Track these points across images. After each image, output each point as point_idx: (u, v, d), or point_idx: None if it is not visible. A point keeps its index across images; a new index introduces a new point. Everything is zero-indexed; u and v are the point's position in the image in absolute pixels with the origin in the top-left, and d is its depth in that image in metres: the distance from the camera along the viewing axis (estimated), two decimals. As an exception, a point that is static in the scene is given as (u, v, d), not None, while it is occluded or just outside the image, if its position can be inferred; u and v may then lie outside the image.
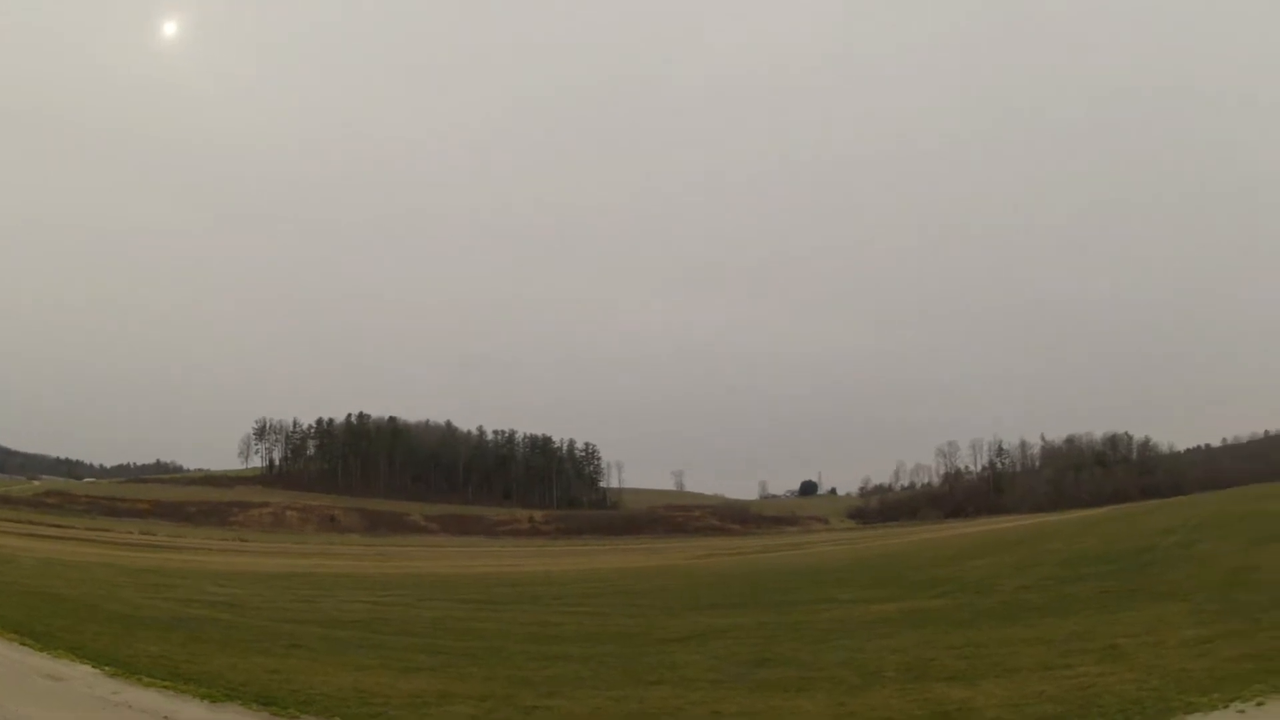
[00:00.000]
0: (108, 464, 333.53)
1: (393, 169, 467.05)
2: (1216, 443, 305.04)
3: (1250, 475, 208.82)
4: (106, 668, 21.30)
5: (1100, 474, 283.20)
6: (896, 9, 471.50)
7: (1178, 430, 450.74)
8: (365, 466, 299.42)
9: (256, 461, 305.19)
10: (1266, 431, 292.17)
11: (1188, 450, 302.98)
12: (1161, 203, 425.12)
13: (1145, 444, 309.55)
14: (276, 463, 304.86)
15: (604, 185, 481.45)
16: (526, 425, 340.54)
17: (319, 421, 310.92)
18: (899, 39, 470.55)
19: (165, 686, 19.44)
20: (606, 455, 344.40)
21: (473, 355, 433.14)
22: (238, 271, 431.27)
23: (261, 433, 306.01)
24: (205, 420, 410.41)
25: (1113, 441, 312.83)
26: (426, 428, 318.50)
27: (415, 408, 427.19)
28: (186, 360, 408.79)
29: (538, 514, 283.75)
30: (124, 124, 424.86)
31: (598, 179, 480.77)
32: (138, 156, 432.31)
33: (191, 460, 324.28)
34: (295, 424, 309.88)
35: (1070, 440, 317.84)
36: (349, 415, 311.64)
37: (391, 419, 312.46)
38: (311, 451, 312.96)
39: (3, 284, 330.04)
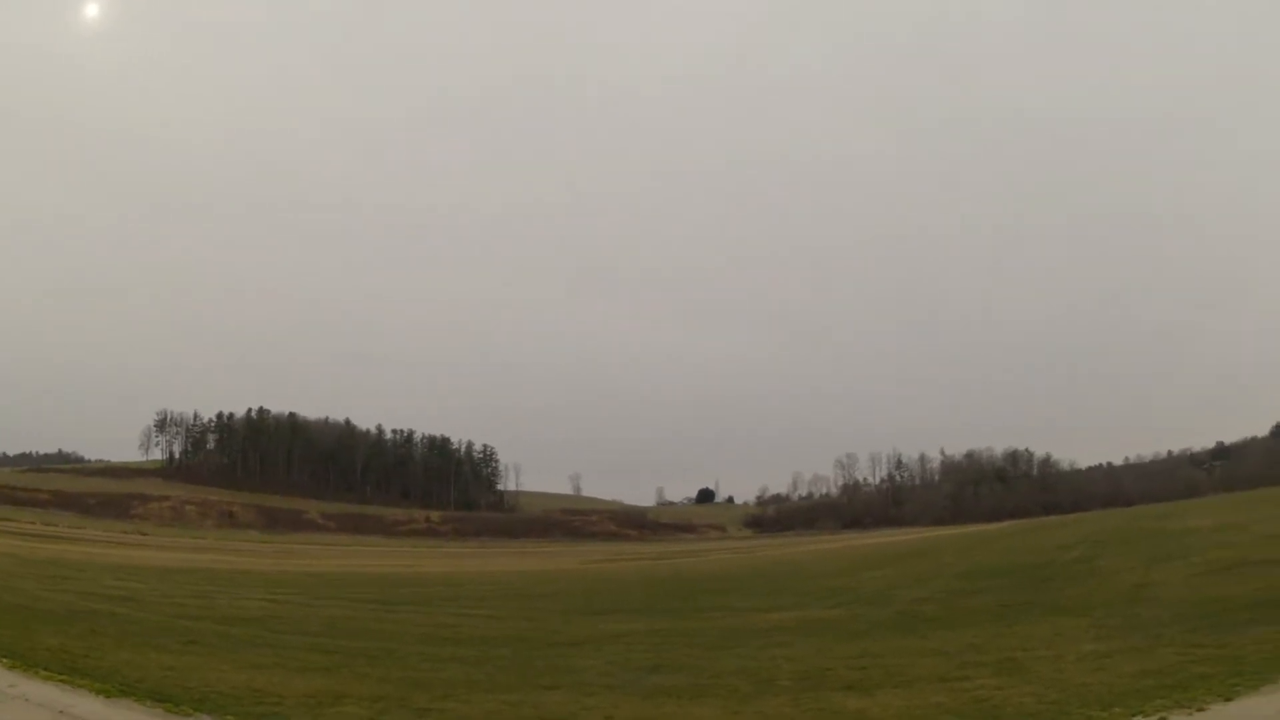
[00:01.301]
0: (10, 452, 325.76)
1: (299, 162, 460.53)
2: (1119, 461, 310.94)
3: (1152, 494, 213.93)
4: (4, 660, 21.00)
5: (1000, 489, 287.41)
6: (820, 22, 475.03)
7: (1079, 449, 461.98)
8: (264, 462, 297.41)
9: (157, 454, 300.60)
10: (1170, 451, 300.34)
11: (1089, 468, 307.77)
12: (1068, 225, 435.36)
13: (1046, 461, 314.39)
14: (176, 456, 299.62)
15: (508, 187, 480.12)
16: (425, 426, 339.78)
17: (219, 415, 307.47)
18: (812, 52, 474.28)
19: (62, 680, 19.15)
20: (504, 458, 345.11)
21: (374, 353, 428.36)
22: (144, 260, 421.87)
23: (162, 425, 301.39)
24: (107, 410, 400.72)
25: (1013, 457, 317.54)
26: (326, 425, 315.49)
27: (315, 404, 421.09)
28: (90, 349, 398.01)
29: (435, 515, 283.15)
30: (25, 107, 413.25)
31: (503, 180, 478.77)
32: (48, 142, 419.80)
33: (93, 451, 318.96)
34: (196, 417, 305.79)
35: (970, 455, 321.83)
36: (249, 410, 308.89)
37: (291, 415, 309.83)
38: (211, 445, 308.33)
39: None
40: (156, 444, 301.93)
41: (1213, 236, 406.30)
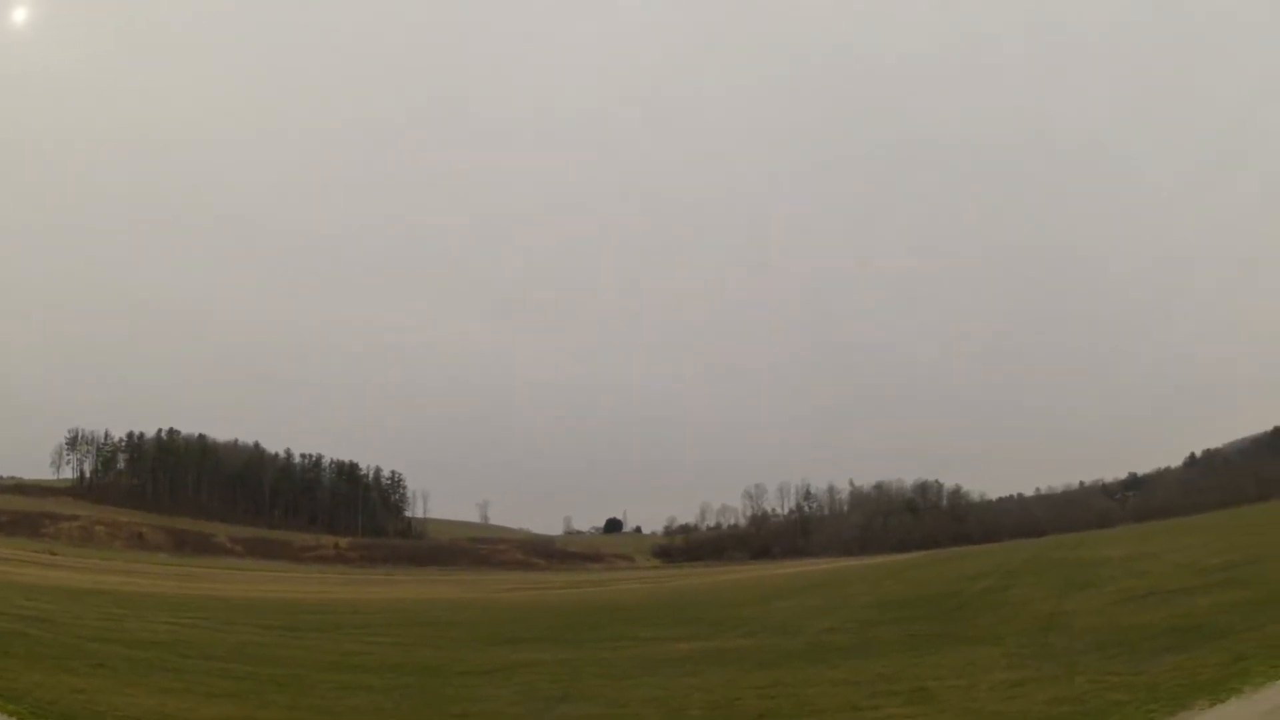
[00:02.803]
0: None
1: (210, 178, 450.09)
2: (1030, 493, 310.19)
3: (1064, 524, 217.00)
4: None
5: (910, 520, 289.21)
6: (725, 53, 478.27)
7: (990, 480, 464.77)
8: (174, 484, 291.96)
9: (69, 472, 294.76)
10: (1082, 482, 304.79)
11: (1000, 499, 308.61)
12: (978, 258, 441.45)
13: (956, 492, 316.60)
14: (87, 475, 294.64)
15: (419, 214, 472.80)
16: (334, 450, 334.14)
17: (129, 435, 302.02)
18: (721, 81, 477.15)
19: (-26, 702, 18.75)
20: (412, 484, 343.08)
21: (283, 375, 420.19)
22: (54, 274, 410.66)
23: (74, 443, 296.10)
24: (19, 426, 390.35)
25: (923, 488, 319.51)
26: (235, 447, 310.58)
27: (225, 426, 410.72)
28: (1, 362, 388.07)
29: (343, 541, 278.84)
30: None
31: (415, 204, 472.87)
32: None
33: (4, 467, 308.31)
34: (106, 436, 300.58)
35: (879, 486, 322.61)
36: (159, 430, 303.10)
37: (201, 436, 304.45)
38: (121, 465, 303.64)
39: None
40: (68, 462, 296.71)
41: (1124, 271, 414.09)
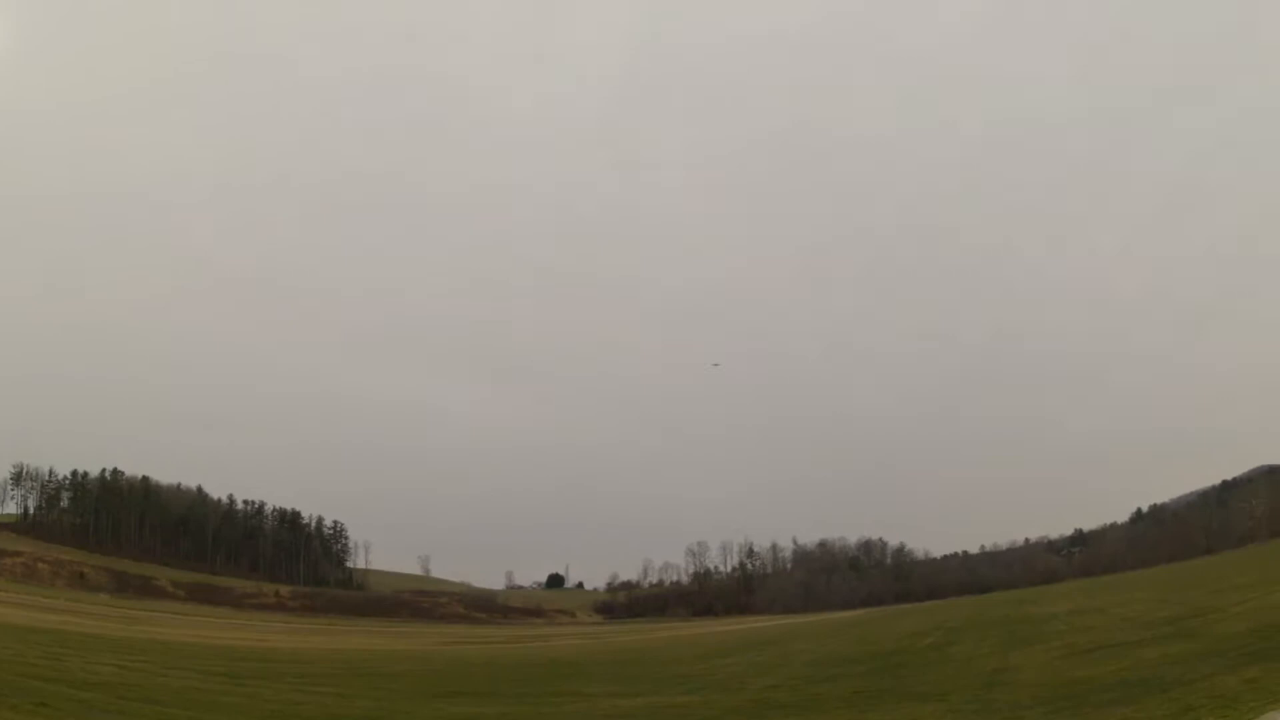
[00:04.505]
0: None
1: (155, 217, 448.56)
2: (975, 550, 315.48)
3: (1009, 581, 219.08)
4: None
5: (854, 578, 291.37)
6: (683, 118, 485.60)
7: (935, 539, 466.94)
8: (116, 525, 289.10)
9: (11, 508, 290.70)
10: (1027, 539, 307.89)
11: (944, 556, 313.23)
12: (923, 318, 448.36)
13: (900, 550, 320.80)
14: (31, 511, 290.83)
15: (364, 263, 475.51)
16: (277, 498, 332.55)
17: (73, 474, 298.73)
18: (678, 138, 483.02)
19: (-87, 740, 18.14)
20: (354, 535, 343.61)
21: (226, 420, 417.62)
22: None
23: (18, 478, 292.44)
24: None
25: (866, 546, 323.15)
26: (178, 491, 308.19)
27: (169, 469, 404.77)
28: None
29: (284, 589, 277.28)
30: None
31: (357, 253, 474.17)
32: None
33: None
34: (51, 473, 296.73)
35: (823, 544, 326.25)
36: (103, 470, 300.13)
37: (144, 478, 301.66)
38: (65, 503, 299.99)
39: None
40: (11, 497, 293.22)
41: (1067, 329, 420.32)
